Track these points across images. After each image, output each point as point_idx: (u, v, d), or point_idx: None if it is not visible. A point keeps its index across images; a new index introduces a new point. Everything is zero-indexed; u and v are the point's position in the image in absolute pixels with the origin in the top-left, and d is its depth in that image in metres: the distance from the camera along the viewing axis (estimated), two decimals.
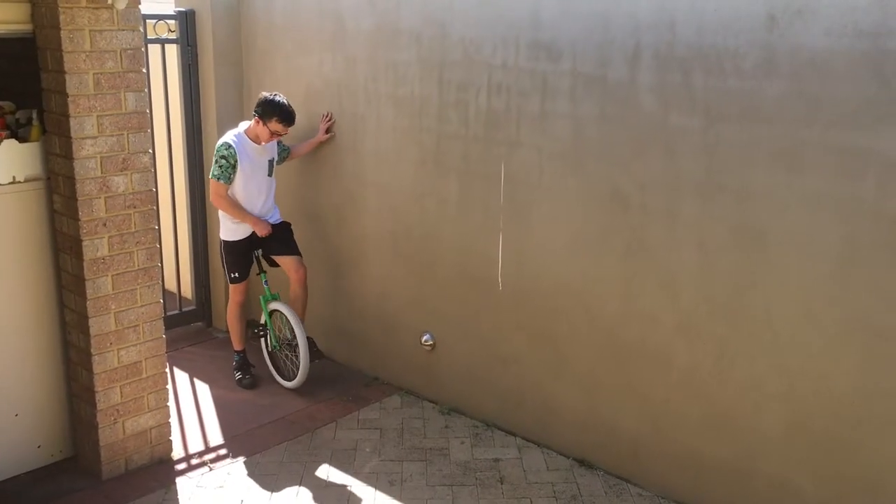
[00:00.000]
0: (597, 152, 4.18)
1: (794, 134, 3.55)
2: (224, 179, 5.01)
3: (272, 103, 4.95)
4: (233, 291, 5.39)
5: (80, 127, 3.88)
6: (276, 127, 4.98)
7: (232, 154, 4.99)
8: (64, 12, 3.73)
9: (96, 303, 4.08)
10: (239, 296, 5.38)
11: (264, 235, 5.17)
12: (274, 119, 4.95)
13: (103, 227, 4.03)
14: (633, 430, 4.32)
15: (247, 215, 5.12)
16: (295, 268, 5.33)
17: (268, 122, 4.96)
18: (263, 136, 5.02)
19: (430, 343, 5.17)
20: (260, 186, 5.15)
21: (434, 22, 4.71)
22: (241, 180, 5.06)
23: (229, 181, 5.03)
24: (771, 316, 3.75)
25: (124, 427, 4.31)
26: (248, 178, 5.08)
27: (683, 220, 3.94)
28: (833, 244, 3.52)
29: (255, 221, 5.13)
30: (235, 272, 5.29)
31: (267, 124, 4.97)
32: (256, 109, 4.99)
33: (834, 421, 3.64)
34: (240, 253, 5.25)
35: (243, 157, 5.02)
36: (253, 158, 5.08)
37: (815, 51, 3.44)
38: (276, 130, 4.99)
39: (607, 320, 4.31)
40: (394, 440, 4.78)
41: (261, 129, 5.00)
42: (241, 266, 5.29)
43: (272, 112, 4.94)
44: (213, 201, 5.13)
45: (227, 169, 4.99)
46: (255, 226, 5.13)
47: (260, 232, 5.14)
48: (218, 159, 5.02)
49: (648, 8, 3.90)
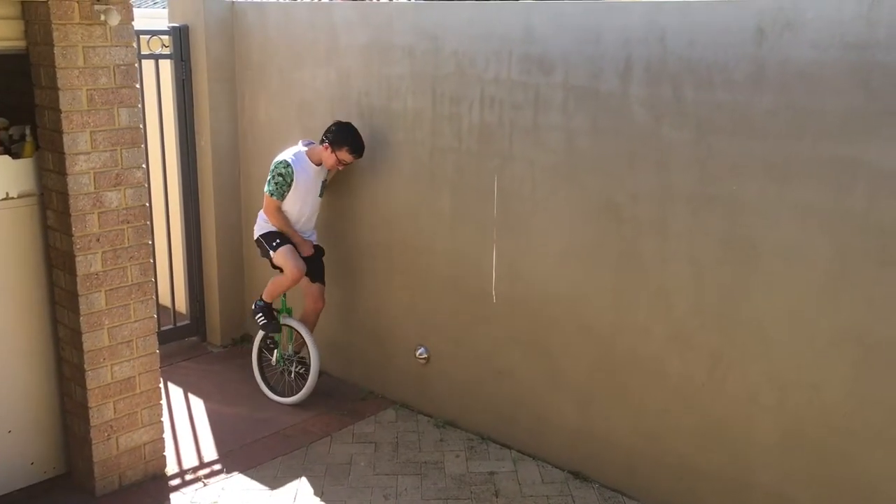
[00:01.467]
0: (589, 165, 4.20)
1: (783, 146, 3.57)
2: (278, 196, 5.03)
3: (345, 133, 4.96)
4: (289, 268, 5.04)
5: (74, 143, 3.89)
6: (346, 157, 5.00)
7: (289, 173, 4.99)
8: (57, 29, 3.74)
9: (89, 318, 4.07)
10: (298, 271, 5.04)
11: (306, 255, 5.15)
12: (345, 149, 4.96)
13: (97, 243, 4.04)
14: (627, 442, 4.32)
15: (294, 232, 5.14)
16: (315, 298, 5.32)
17: (337, 151, 4.97)
18: (329, 162, 5.03)
19: (425, 356, 5.17)
20: (310, 206, 5.17)
21: (427, 36, 4.74)
22: (293, 199, 5.07)
23: (282, 198, 5.04)
24: (763, 327, 3.76)
25: (118, 443, 4.29)
26: (301, 198, 5.09)
27: (675, 232, 3.96)
28: (823, 255, 3.53)
29: (300, 240, 5.15)
30: (276, 239, 5.08)
31: (336, 152, 4.98)
32: (327, 135, 4.99)
33: (827, 431, 3.64)
34: (279, 233, 5.13)
35: (299, 177, 5.02)
36: (309, 178, 5.08)
37: (804, 63, 3.47)
38: (344, 160, 5.01)
39: (601, 332, 4.31)
40: (389, 454, 4.77)
41: (328, 155, 5.01)
42: (284, 239, 5.11)
43: (343, 141, 4.96)
44: (266, 212, 5.12)
45: (283, 186, 5.01)
46: (300, 244, 5.14)
47: (303, 251, 5.14)
48: (275, 176, 5.01)
49: (639, 21, 3.93)
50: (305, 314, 5.36)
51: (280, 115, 5.69)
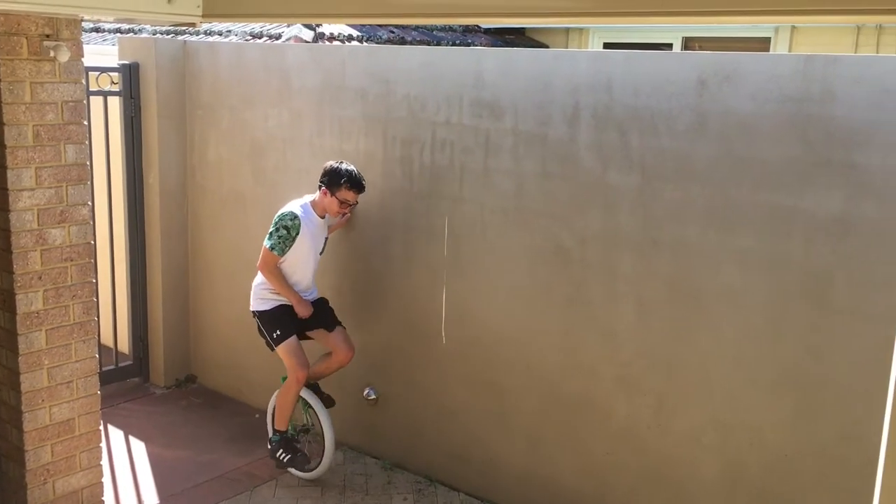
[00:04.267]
0: (538, 208, 4.28)
1: (724, 193, 3.69)
2: (278, 251, 4.52)
3: (338, 172, 4.56)
4: (288, 359, 4.62)
5: (18, 179, 3.81)
6: (347, 195, 4.56)
7: (296, 226, 4.53)
8: (4, 64, 3.69)
9: (28, 358, 3.96)
10: (301, 367, 4.60)
11: (304, 318, 4.67)
12: (343, 187, 4.54)
13: (38, 281, 3.95)
14: (574, 484, 4.34)
15: (291, 292, 4.62)
16: (343, 348, 4.77)
17: (336, 192, 4.55)
18: (332, 208, 4.60)
19: (373, 397, 5.13)
20: (311, 263, 4.70)
21: (379, 79, 4.80)
22: (295, 256, 4.59)
23: (283, 254, 4.54)
24: (706, 370, 3.84)
25: (54, 487, 4.15)
26: (304, 255, 4.62)
27: (622, 275, 4.04)
28: (763, 299, 3.64)
29: (298, 300, 4.63)
30: (277, 330, 4.63)
31: (336, 194, 4.55)
32: (322, 179, 4.59)
33: (767, 473, 3.72)
34: (278, 314, 4.67)
35: (305, 232, 4.58)
36: (314, 234, 4.65)
37: (743, 114, 3.61)
38: (345, 199, 4.57)
39: (549, 373, 4.35)
40: (335, 498, 4.70)
41: (328, 200, 4.57)
42: (284, 324, 4.64)
43: (339, 180, 4.54)
44: (261, 269, 4.61)
45: (286, 240, 4.51)
46: (298, 305, 4.62)
47: (301, 313, 4.64)
48: (279, 228, 4.53)
49: (586, 70, 4.05)
50: (328, 366, 4.82)
51: (230, 155, 5.67)
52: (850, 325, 3.46)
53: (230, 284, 5.79)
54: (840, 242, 3.44)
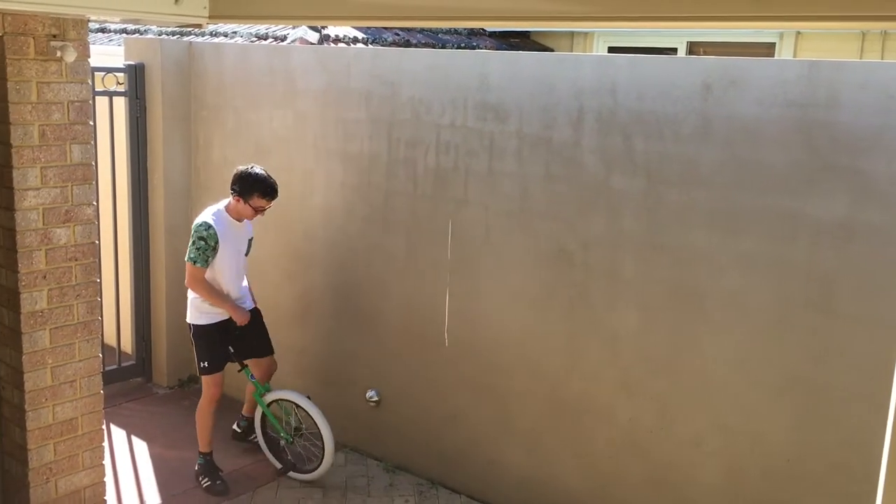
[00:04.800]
0: (542, 211, 4.28)
1: (729, 197, 3.69)
2: (202, 263, 4.52)
3: (250, 178, 4.52)
4: (206, 385, 4.74)
5: (23, 178, 3.82)
6: (260, 203, 4.55)
7: (212, 235, 4.52)
8: (11, 64, 3.71)
9: (32, 357, 3.97)
10: (215, 390, 4.71)
11: (242, 324, 4.68)
12: (255, 195, 4.52)
13: (43, 280, 3.95)
14: (577, 487, 4.34)
15: (225, 301, 4.62)
16: (268, 367, 4.90)
17: (249, 200, 4.53)
18: (246, 214, 4.60)
19: (375, 399, 5.14)
20: (238, 268, 4.72)
21: (384, 82, 4.81)
22: (220, 263, 4.59)
23: (207, 264, 4.54)
24: (708, 374, 3.84)
25: (57, 486, 4.16)
26: (228, 261, 4.62)
27: (625, 279, 4.04)
28: (767, 304, 3.64)
29: (233, 308, 4.64)
30: (206, 361, 4.67)
31: (249, 202, 4.53)
32: (234, 187, 4.54)
33: (769, 478, 3.72)
34: (213, 339, 4.69)
35: (224, 238, 4.57)
36: (233, 239, 4.65)
37: (748, 119, 3.61)
38: (259, 206, 4.56)
39: (551, 376, 4.35)
40: (337, 499, 4.71)
41: (242, 207, 4.56)
42: (215, 354, 4.69)
43: (252, 188, 4.52)
44: (189, 285, 4.62)
45: (206, 251, 4.52)
46: (234, 312, 4.63)
47: (238, 320, 4.65)
48: (196, 241, 4.53)
49: (591, 74, 4.05)
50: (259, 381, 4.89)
51: (235, 156, 5.68)
52: (853, 330, 3.45)
53: None
54: (844, 247, 3.44)
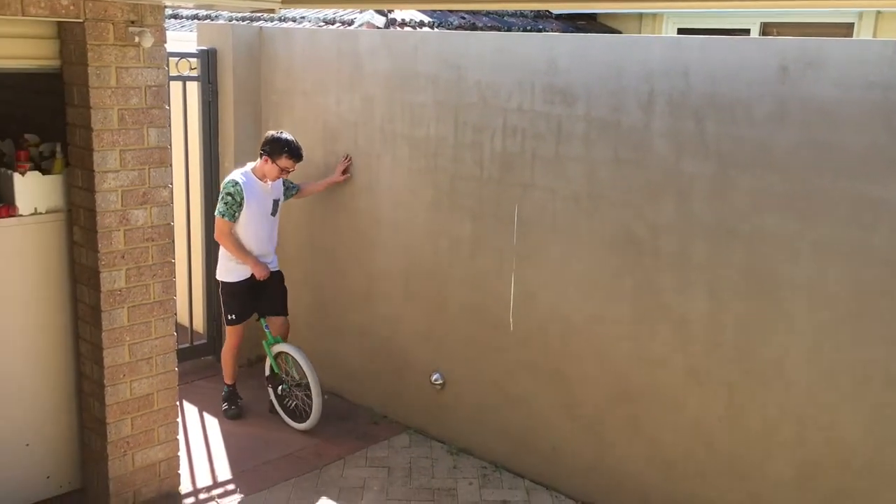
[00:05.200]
0: (610, 195, 4.23)
1: (805, 182, 3.59)
2: (229, 217, 5.00)
3: (279, 140, 5.01)
4: (230, 334, 5.36)
5: (103, 161, 3.95)
6: (286, 163, 5.02)
7: (239, 191, 4.99)
8: (92, 49, 3.83)
9: (111, 334, 4.12)
10: (236, 338, 5.35)
11: (262, 278, 5.14)
12: (284, 156, 5.00)
13: (121, 260, 4.09)
14: (642, 474, 4.30)
15: (248, 256, 5.09)
16: (279, 326, 5.35)
17: (277, 160, 5.00)
18: (272, 174, 5.05)
19: (440, 382, 5.17)
20: (263, 225, 5.15)
21: (451, 65, 4.80)
22: (246, 219, 5.06)
23: (234, 219, 5.01)
24: (782, 362, 3.76)
25: (134, 459, 4.31)
26: (254, 218, 5.08)
27: (695, 265, 3.97)
28: (844, 292, 3.54)
29: (255, 263, 5.10)
30: (233, 314, 5.26)
31: (276, 161, 5.01)
32: (264, 148, 5.04)
33: (844, 470, 3.62)
34: (239, 294, 5.22)
35: (250, 196, 5.03)
36: (259, 197, 5.09)
37: (826, 101, 3.50)
38: (285, 167, 5.03)
39: (617, 363, 4.32)
40: (402, 479, 4.77)
41: (269, 167, 5.03)
42: (240, 309, 5.26)
43: (280, 149, 5.00)
44: (218, 238, 5.11)
45: (233, 206, 4.99)
46: (255, 267, 5.10)
47: (259, 275, 5.12)
48: (224, 196, 5.01)
49: (661, 56, 3.98)
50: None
51: (303, 140, 5.74)
52: None
53: (300, 267, 5.89)
54: None
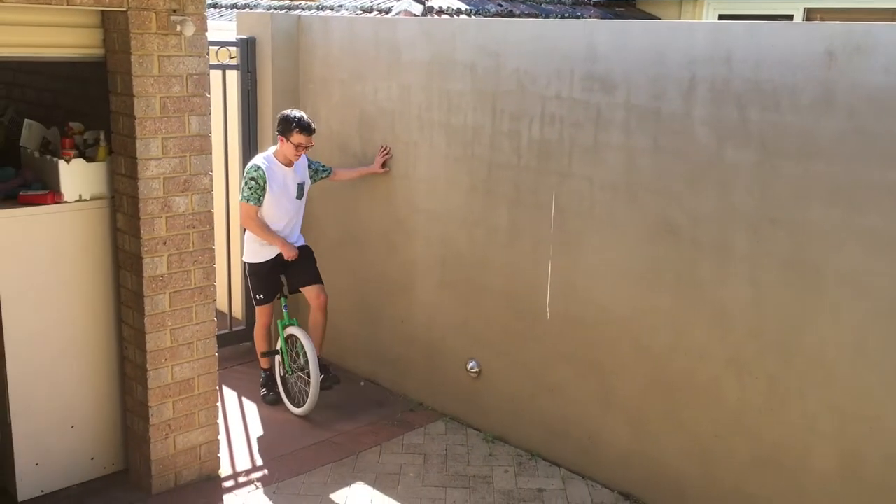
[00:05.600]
0: (649, 184, 4.19)
1: (851, 171, 3.52)
2: (254, 201, 5.06)
3: (288, 118, 5.04)
4: (259, 314, 5.45)
5: (146, 148, 4.01)
6: (299, 138, 5.02)
7: (261, 175, 5.04)
8: (135, 38, 3.87)
9: (153, 319, 4.18)
10: (265, 318, 5.45)
11: (291, 259, 5.22)
12: (294, 131, 5.01)
13: (163, 246, 4.15)
14: (679, 466, 4.27)
15: (276, 237, 5.16)
16: (316, 295, 5.37)
17: (290, 137, 5.02)
18: (290, 152, 5.08)
19: (476, 370, 5.18)
20: (288, 209, 5.21)
21: (489, 53, 4.78)
22: (270, 202, 5.11)
23: (259, 203, 5.07)
24: (824, 353, 3.70)
25: (175, 442, 4.39)
26: (277, 200, 5.13)
27: (736, 255, 3.92)
28: (890, 284, 3.47)
29: (283, 243, 5.18)
30: (261, 294, 5.35)
31: (290, 139, 5.03)
32: (277, 128, 5.09)
33: (887, 463, 3.56)
34: (265, 275, 5.31)
35: (272, 179, 5.07)
36: (282, 180, 5.14)
37: (874, 88, 3.43)
38: (299, 142, 5.03)
39: (656, 353, 4.28)
40: (437, 466, 4.79)
41: (285, 146, 5.06)
42: (267, 288, 5.35)
43: (290, 126, 5.02)
44: (243, 223, 5.18)
45: (257, 190, 5.04)
46: (283, 248, 5.18)
47: (287, 255, 5.19)
48: (248, 181, 5.07)
49: (704, 42, 3.92)
50: (313, 314, 5.42)
51: (341, 128, 5.79)
52: None
53: (337, 255, 5.93)
54: None
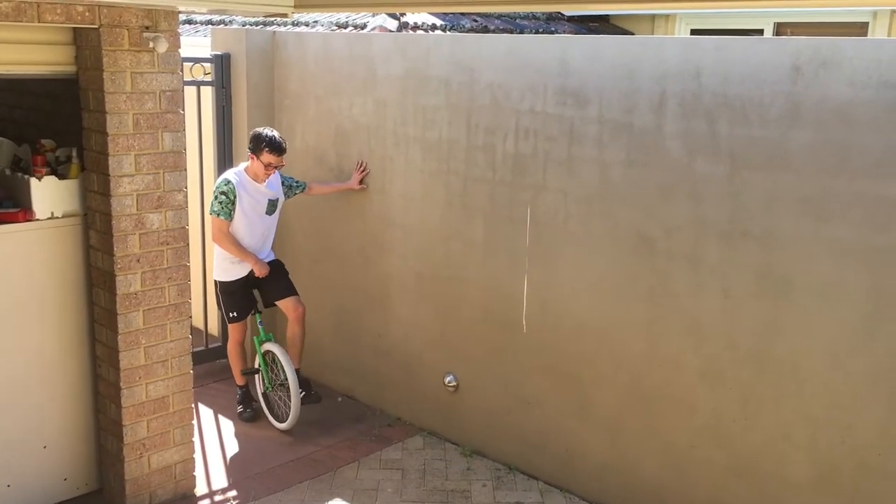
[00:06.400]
0: (622, 197, 4.23)
1: (820, 182, 3.58)
2: (224, 215, 5.02)
3: (260, 136, 5.02)
4: (232, 330, 5.44)
5: (119, 165, 3.99)
6: (269, 158, 5.00)
7: (231, 189, 5.02)
8: (107, 55, 3.86)
9: (127, 337, 4.15)
10: (238, 335, 5.43)
11: (262, 276, 5.20)
12: (264, 151, 4.99)
13: (137, 263, 4.12)
14: (657, 476, 4.29)
15: (247, 254, 5.13)
16: (293, 307, 5.34)
17: (260, 156, 5.00)
18: (259, 171, 5.05)
19: (454, 384, 5.18)
20: (258, 225, 5.18)
21: (463, 68, 4.81)
22: (240, 217, 5.08)
23: (229, 217, 5.04)
24: (797, 364, 3.74)
25: (150, 461, 4.34)
26: (247, 216, 5.10)
27: (708, 266, 3.96)
28: (860, 294, 3.52)
29: (255, 260, 5.15)
30: (234, 311, 5.32)
31: (259, 157, 5.01)
32: (249, 145, 5.09)
33: (860, 471, 3.60)
34: (237, 293, 5.29)
35: (242, 194, 5.05)
36: (253, 196, 5.11)
37: (840, 101, 3.49)
38: (268, 162, 5.01)
39: (631, 364, 4.31)
40: (416, 481, 4.78)
41: (256, 164, 5.05)
42: (240, 306, 5.33)
43: (260, 145, 5.00)
44: (214, 238, 5.13)
45: (227, 205, 5.01)
46: (255, 265, 5.15)
47: (258, 272, 5.17)
48: (217, 195, 5.04)
49: (674, 58, 3.97)
50: (290, 327, 5.39)
51: (316, 143, 5.79)
52: None
53: (313, 270, 5.92)
54: None
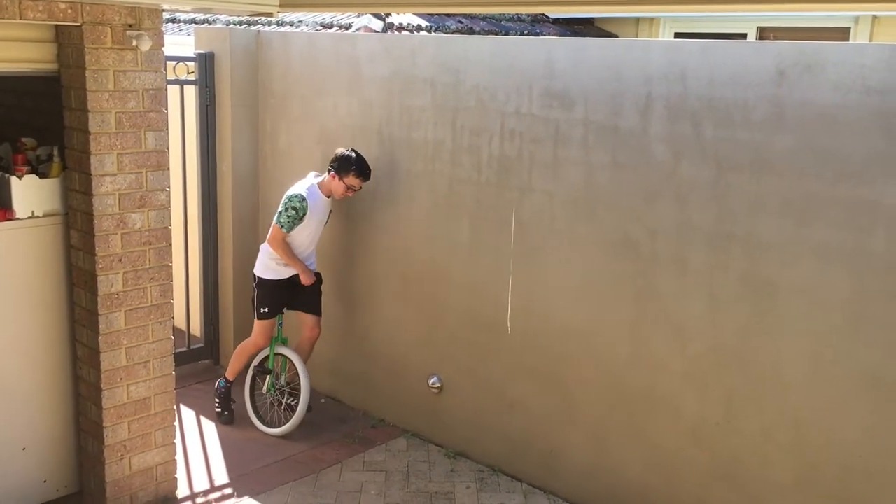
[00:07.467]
0: (608, 199, 4.23)
1: (803, 186, 3.60)
2: (287, 228, 5.04)
3: (348, 159, 5.02)
4: (259, 329, 5.29)
5: (101, 164, 3.95)
6: (353, 181, 5.04)
7: (304, 208, 5.03)
8: (90, 53, 3.82)
9: (108, 338, 4.10)
10: (264, 339, 5.31)
11: (307, 284, 5.20)
12: (351, 174, 5.01)
13: (118, 263, 4.08)
14: (641, 478, 4.30)
15: (298, 262, 5.15)
16: (312, 325, 5.36)
17: (344, 177, 5.02)
18: (338, 190, 5.08)
19: (438, 386, 5.17)
20: (315, 237, 5.24)
21: (449, 69, 4.81)
22: (303, 231, 5.11)
23: (290, 230, 5.07)
24: (780, 366, 3.76)
25: (130, 463, 4.30)
26: (310, 231, 5.15)
27: (693, 268, 3.97)
28: (843, 296, 3.54)
29: (303, 269, 5.16)
30: (266, 307, 5.25)
31: (343, 179, 5.03)
32: (332, 164, 5.06)
33: (844, 473, 3.62)
34: (275, 291, 5.25)
35: (312, 212, 5.08)
36: (319, 212, 5.16)
37: (824, 105, 3.51)
38: (352, 185, 5.05)
39: (616, 366, 4.31)
40: (399, 483, 4.76)
41: (336, 184, 5.06)
42: (273, 302, 5.27)
43: (348, 167, 5.01)
44: (270, 243, 5.13)
45: (295, 220, 5.03)
46: (303, 273, 5.16)
47: (305, 281, 5.18)
48: (288, 209, 5.03)
49: (659, 60, 3.99)
50: (301, 343, 5.41)
51: (300, 143, 5.76)
52: None
53: None
54: None
